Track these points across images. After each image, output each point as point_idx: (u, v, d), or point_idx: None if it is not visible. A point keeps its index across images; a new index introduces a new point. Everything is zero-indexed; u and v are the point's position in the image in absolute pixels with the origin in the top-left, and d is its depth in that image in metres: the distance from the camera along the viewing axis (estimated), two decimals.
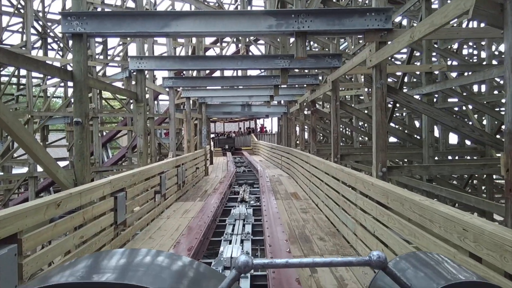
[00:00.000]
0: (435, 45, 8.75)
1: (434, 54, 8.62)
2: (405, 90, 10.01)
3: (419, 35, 3.63)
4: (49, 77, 16.60)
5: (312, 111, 10.87)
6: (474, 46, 15.38)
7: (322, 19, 4.95)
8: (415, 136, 9.94)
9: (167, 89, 10.72)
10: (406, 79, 10.03)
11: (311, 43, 17.03)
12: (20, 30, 17.22)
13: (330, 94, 8.08)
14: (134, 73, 7.93)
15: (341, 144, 18.01)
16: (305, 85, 14.29)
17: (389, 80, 13.65)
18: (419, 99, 7.68)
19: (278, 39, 7.91)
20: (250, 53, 24.68)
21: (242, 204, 9.77)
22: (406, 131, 11.04)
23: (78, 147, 5.46)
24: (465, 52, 16.00)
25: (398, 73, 11.37)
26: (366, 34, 5.19)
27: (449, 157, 10.11)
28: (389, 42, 5.05)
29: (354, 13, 5.10)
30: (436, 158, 8.32)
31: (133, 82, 7.91)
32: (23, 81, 18.68)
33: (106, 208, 5.55)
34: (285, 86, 12.48)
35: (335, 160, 7.95)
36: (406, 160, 11.98)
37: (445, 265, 1.42)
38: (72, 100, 15.42)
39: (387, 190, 4.27)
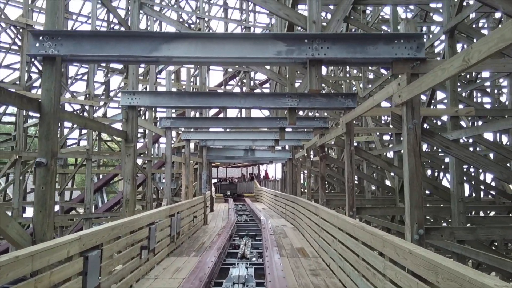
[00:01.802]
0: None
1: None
2: None
3: (479, 57, 2.74)
4: None
5: (321, 157, 9.91)
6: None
7: (341, 46, 4.23)
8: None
9: (164, 130, 9.89)
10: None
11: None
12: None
13: (344, 138, 7.15)
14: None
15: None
16: (311, 130, 13.51)
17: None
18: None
19: (287, 75, 7.16)
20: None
21: (242, 262, 8.56)
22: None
23: (40, 194, 4.45)
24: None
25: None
26: (395, 65, 4.34)
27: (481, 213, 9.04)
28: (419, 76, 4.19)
29: (379, 39, 4.28)
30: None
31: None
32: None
33: (72, 272, 4.44)
34: (292, 129, 11.66)
35: (351, 214, 6.86)
36: (428, 217, 10.95)
37: None
38: (63, 141, 14.46)
39: (435, 263, 3.20)
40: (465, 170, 8.43)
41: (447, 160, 9.36)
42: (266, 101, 7.11)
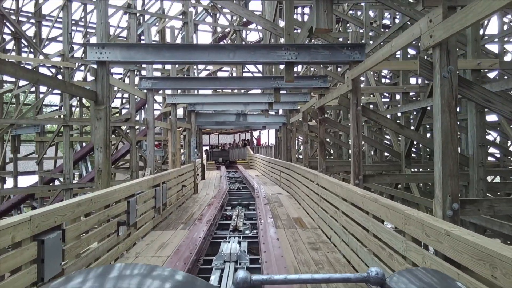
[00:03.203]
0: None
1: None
2: None
3: None
4: (21, 81, 14.70)
5: (321, 120, 8.99)
6: None
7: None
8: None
9: (145, 92, 8.83)
10: None
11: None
12: None
13: (350, 96, 6.21)
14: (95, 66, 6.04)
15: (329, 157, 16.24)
16: (308, 92, 12.49)
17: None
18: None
19: (282, 23, 6.11)
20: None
21: (234, 235, 7.82)
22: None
23: None
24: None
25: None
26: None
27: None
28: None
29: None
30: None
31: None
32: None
33: (21, 261, 3.58)
34: (286, 91, 10.64)
35: (356, 183, 6.03)
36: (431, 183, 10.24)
37: (441, 281, 1.39)
38: (41, 106, 13.38)
39: (490, 252, 2.38)
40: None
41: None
42: (260, 54, 6.07)
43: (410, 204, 9.10)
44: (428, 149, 12.34)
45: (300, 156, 18.90)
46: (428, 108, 7.83)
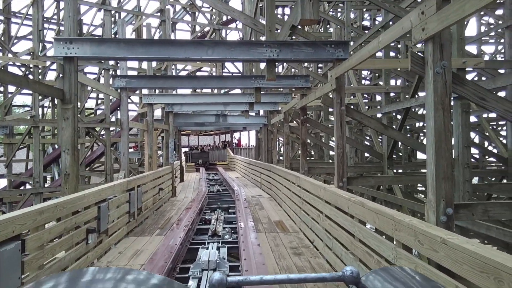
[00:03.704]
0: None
1: None
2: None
3: None
4: None
5: (302, 120, 8.76)
6: None
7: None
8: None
9: (119, 91, 8.37)
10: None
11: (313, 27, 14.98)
12: None
13: (333, 95, 5.98)
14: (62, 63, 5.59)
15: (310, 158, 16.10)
16: (289, 92, 12.27)
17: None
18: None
19: (262, 19, 5.84)
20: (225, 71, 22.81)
21: (213, 241, 7.47)
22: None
23: None
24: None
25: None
26: None
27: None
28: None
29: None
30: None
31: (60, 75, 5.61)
32: None
33: None
34: (267, 91, 10.38)
35: (340, 185, 5.80)
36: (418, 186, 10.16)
37: (417, 280, 1.41)
38: (10, 106, 12.69)
39: (494, 264, 2.15)
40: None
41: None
42: (240, 51, 5.75)
43: (392, 206, 8.98)
44: (409, 150, 12.33)
45: (281, 158, 18.68)
46: (414, 108, 7.72)
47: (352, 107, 13.76)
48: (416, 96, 8.17)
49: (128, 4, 18.78)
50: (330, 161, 13.46)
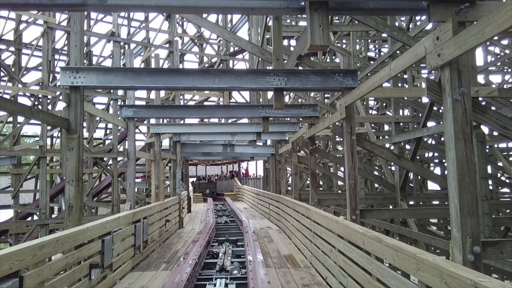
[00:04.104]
0: None
1: None
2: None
3: None
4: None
5: (311, 150, 8.58)
6: None
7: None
8: None
9: (126, 121, 8.32)
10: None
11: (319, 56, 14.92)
12: None
13: (343, 125, 5.82)
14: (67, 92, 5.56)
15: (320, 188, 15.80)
16: (297, 121, 12.16)
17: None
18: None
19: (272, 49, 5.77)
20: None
21: (221, 276, 7.16)
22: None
23: None
24: None
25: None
26: (433, 8, 3.04)
27: None
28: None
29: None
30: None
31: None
32: None
33: None
34: (278, 116, 10.26)
35: (353, 218, 5.54)
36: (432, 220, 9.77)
37: None
38: (19, 137, 12.72)
39: None
40: None
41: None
42: (247, 80, 5.69)
43: (407, 240, 8.61)
44: (419, 180, 12.01)
45: (289, 188, 18.37)
46: (426, 138, 7.52)
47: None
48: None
49: (137, 36, 19.25)
50: (340, 192, 13.15)
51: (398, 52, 8.79)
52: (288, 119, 11.09)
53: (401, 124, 8.83)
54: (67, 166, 5.53)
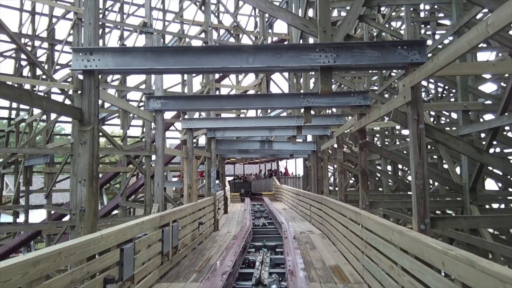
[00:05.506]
0: None
1: None
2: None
3: None
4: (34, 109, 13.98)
5: (362, 144, 7.41)
6: None
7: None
8: None
9: (153, 114, 7.57)
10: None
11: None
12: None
13: (408, 110, 4.65)
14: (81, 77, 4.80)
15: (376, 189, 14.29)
16: (341, 114, 10.97)
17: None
18: None
19: (317, 19, 4.70)
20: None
21: None
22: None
23: None
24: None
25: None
26: None
27: None
28: None
29: None
30: None
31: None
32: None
33: None
34: (321, 107, 9.17)
35: (422, 228, 4.37)
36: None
37: None
38: (51, 134, 12.42)
39: None
40: None
41: None
42: (287, 57, 4.68)
43: (478, 250, 7.22)
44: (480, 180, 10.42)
45: (330, 188, 17.07)
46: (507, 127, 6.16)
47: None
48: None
49: (170, 28, 18.72)
50: (390, 193, 11.79)
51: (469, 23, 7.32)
52: (333, 110, 9.95)
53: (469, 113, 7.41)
54: (78, 163, 4.78)
